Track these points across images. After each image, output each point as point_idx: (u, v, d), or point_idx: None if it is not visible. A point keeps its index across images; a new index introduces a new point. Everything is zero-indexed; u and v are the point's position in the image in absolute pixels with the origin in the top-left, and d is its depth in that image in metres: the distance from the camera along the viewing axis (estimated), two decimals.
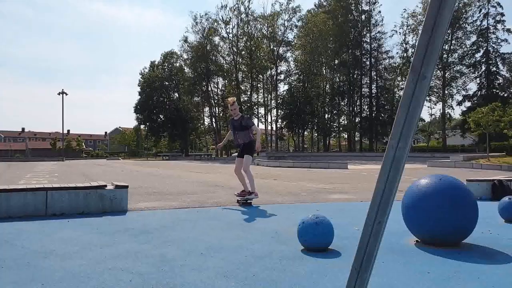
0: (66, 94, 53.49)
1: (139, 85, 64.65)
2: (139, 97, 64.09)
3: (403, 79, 53.08)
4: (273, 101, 57.39)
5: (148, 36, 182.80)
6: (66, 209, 5.80)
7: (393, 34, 67.88)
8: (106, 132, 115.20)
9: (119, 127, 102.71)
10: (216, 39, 56.49)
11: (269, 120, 57.85)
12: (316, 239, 3.64)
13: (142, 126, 69.68)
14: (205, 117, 65.10)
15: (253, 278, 2.87)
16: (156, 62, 66.40)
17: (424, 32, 1.82)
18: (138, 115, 64.51)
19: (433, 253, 3.64)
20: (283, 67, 58.11)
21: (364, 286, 2.11)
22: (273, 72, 56.87)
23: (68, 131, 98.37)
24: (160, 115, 64.92)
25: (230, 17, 54.57)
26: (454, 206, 3.71)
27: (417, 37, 49.97)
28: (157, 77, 63.09)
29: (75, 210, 5.85)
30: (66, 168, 25.41)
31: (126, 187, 6.31)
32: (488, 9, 47.52)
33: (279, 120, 57.05)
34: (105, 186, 6.19)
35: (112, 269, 3.09)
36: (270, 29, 55.04)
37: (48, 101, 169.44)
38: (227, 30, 55.51)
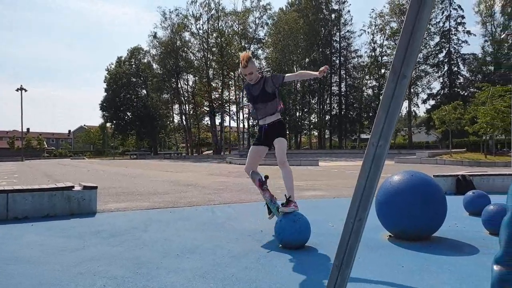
0: (26, 91, 51.54)
1: (105, 82, 63.11)
2: (105, 94, 62.60)
3: (371, 77, 54.33)
4: (245, 99, 57.31)
5: (112, 31, 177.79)
6: (29, 212, 5.55)
7: (361, 34, 69.24)
8: (69, 131, 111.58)
9: (84, 125, 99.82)
10: (186, 35, 55.91)
11: (241, 117, 57.82)
12: (294, 237, 3.65)
13: (108, 124, 68.06)
14: (174, 115, 64.35)
15: (231, 278, 2.84)
16: (123, 58, 65.00)
17: (404, 33, 1.85)
18: (104, 112, 62.99)
19: (406, 247, 3.73)
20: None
21: (345, 282, 2.13)
22: None
23: (28, 129, 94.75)
24: (128, 113, 63.65)
25: (200, 12, 54.12)
26: (425, 202, 3.81)
27: (384, 37, 51.26)
28: (124, 73, 61.78)
29: (39, 213, 5.60)
30: (26, 169, 24.51)
31: (95, 187, 6.13)
32: (450, 11, 49.39)
33: (251, 118, 57.08)
34: (73, 187, 5.98)
35: (84, 273, 2.98)
36: (241, 26, 54.98)
37: (4, 98, 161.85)
38: (198, 26, 55.04)
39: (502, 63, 45.46)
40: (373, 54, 53.63)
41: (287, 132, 4.32)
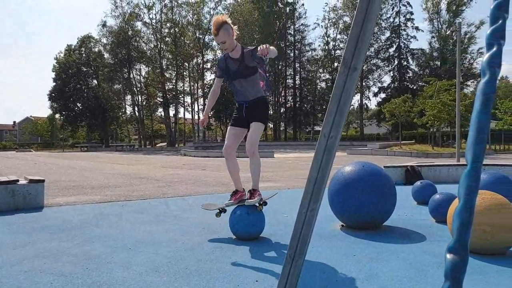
0: None
1: (53, 71, 60.02)
2: (54, 83, 59.52)
3: (325, 71, 55.37)
4: (199, 90, 56.64)
5: (68, 15, 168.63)
6: None
7: (315, 27, 70.22)
8: (14, 122, 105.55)
9: (31, 116, 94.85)
10: (139, 24, 54.21)
11: (196, 109, 57.08)
12: (248, 228, 3.66)
13: (57, 116, 64.94)
14: (127, 106, 62.38)
15: (185, 271, 2.80)
16: (73, 46, 62.06)
17: (355, 25, 1.88)
18: (52, 103, 59.97)
19: (357, 236, 3.85)
20: (209, 55, 57.40)
21: (298, 272, 2.16)
22: (200, 61, 56.06)
23: None
24: (78, 104, 60.93)
25: (153, 2, 52.62)
26: (376, 191, 3.94)
27: (337, 31, 52.35)
28: (74, 62, 58.99)
29: None
30: None
31: (42, 181, 5.85)
32: (400, 7, 51.27)
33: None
34: (17, 181, 5.67)
35: (29, 271, 2.83)
36: (195, 16, 54.07)
37: None
38: (150, 16, 53.52)
39: (447, 58, 47.86)
40: (326, 47, 54.68)
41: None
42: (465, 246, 1.04)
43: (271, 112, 56.50)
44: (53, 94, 59.19)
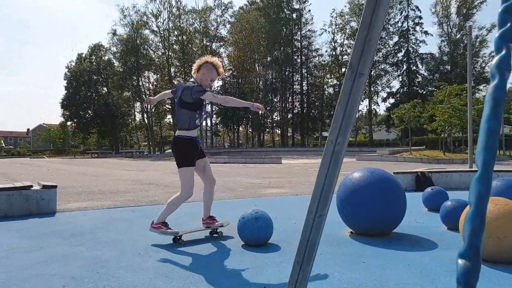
0: None
1: (65, 79, 60.96)
2: (66, 91, 60.49)
3: (332, 76, 55.21)
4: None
5: (78, 24, 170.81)
6: None
7: (322, 33, 69.92)
8: (28, 129, 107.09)
9: (44, 123, 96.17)
10: (146, 32, 54.80)
11: (204, 116, 57.30)
12: (256, 234, 3.67)
13: (69, 123, 65.82)
14: (136, 113, 63.01)
15: (194, 277, 2.82)
16: (84, 55, 62.98)
17: (362, 30, 1.90)
18: (64, 111, 60.87)
19: (366, 243, 3.82)
20: None
21: (306, 279, 2.17)
22: None
23: None
24: (89, 111, 61.80)
25: (160, 10, 53.19)
26: (385, 198, 3.91)
27: (345, 36, 52.28)
28: (85, 71, 59.84)
29: None
30: None
31: (55, 187, 5.93)
32: (408, 12, 51.06)
33: (214, 116, 56.79)
34: (31, 186, 5.76)
35: (41, 275, 2.87)
36: (202, 24, 54.47)
37: None
38: (158, 24, 54.08)
39: (458, 62, 47.49)
40: (333, 53, 54.58)
41: None
42: (477, 252, 1.04)
43: (278, 118, 56.58)
44: (65, 102, 60.09)
